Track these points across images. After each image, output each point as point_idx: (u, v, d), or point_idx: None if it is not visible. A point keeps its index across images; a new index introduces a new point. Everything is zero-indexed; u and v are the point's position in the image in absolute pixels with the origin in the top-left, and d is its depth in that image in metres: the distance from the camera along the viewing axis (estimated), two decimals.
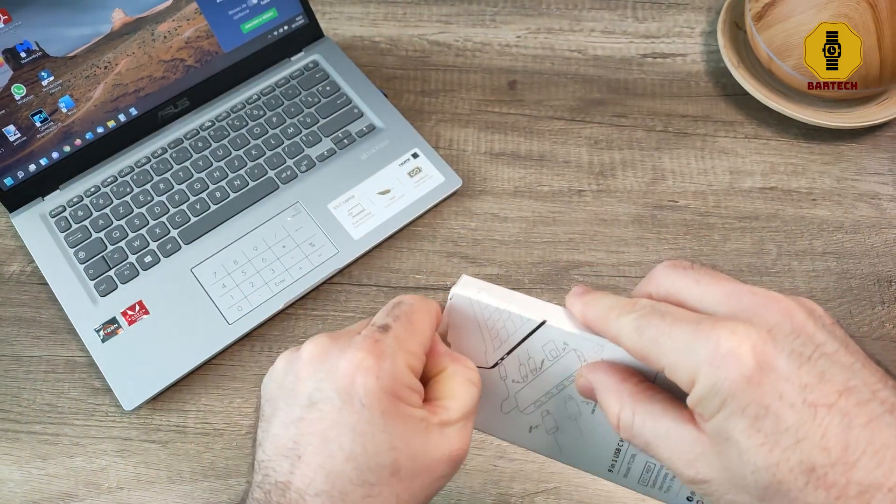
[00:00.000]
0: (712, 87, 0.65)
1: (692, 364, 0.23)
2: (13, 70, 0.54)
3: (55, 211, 0.57)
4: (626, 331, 0.25)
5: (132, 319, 0.53)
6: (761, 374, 0.22)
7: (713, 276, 0.25)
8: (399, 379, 0.26)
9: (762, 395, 0.21)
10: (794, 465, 0.21)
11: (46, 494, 0.49)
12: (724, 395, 0.22)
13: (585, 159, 0.61)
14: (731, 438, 0.22)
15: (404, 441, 0.25)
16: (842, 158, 0.61)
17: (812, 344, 0.22)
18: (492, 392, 0.32)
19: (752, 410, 0.22)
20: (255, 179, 0.59)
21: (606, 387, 0.27)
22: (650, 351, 0.24)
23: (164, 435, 0.51)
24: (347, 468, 0.25)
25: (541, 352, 0.30)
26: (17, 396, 0.52)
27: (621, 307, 0.26)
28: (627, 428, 0.26)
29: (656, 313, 0.25)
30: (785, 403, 0.21)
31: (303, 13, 0.63)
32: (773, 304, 0.23)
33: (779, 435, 0.21)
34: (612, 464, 0.31)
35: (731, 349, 0.22)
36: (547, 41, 0.68)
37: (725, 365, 0.22)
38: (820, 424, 0.21)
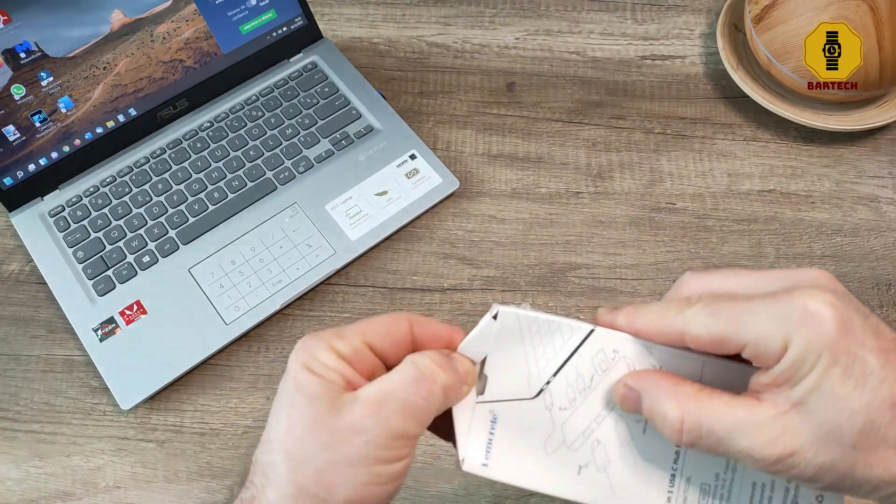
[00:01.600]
0: (711, 89, 0.65)
1: (783, 329, 0.24)
2: (13, 70, 0.54)
3: (54, 211, 0.58)
4: (697, 319, 0.26)
5: (130, 319, 0.53)
6: (846, 327, 0.24)
7: (742, 269, 0.27)
8: (313, 353, 0.27)
9: (850, 344, 0.24)
10: (881, 402, 0.23)
11: (44, 493, 0.49)
12: (820, 350, 0.23)
13: (583, 161, 0.61)
14: (826, 390, 0.24)
15: (303, 400, 0.26)
16: (841, 161, 0.61)
17: (858, 311, 0.25)
18: (535, 430, 0.29)
19: (844, 359, 0.23)
20: (253, 180, 0.59)
21: (660, 391, 0.26)
22: (730, 330, 0.25)
23: (161, 434, 0.51)
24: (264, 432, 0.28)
25: (590, 365, 0.28)
26: (14, 395, 0.52)
27: (678, 305, 0.27)
28: (695, 430, 0.25)
29: (723, 297, 0.26)
30: (867, 350, 0.24)
31: (302, 14, 0.64)
32: (818, 274, 0.26)
33: (867, 377, 0.23)
34: (668, 495, 0.29)
35: (818, 309, 0.24)
36: (545, 43, 0.68)
37: (817, 323, 0.24)
38: (894, 366, 0.24)
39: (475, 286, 0.56)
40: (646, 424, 0.29)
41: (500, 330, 0.29)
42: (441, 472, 0.49)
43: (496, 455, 0.29)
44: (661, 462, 0.29)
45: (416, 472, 0.49)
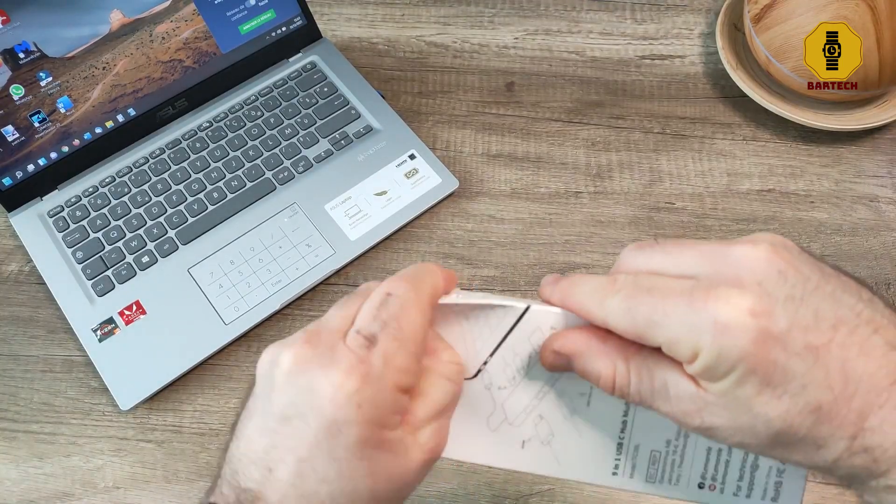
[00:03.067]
0: (710, 88, 0.65)
1: (693, 338, 0.23)
2: (11, 70, 0.54)
3: (53, 211, 0.58)
4: (616, 314, 0.24)
5: (129, 319, 0.53)
6: (765, 334, 0.22)
7: (680, 243, 0.25)
8: (384, 407, 0.25)
9: (768, 353, 0.22)
10: (802, 409, 0.22)
11: (43, 493, 0.49)
12: (732, 362, 0.22)
13: (582, 161, 0.61)
14: (742, 396, 0.23)
15: (382, 466, 0.25)
16: (840, 161, 0.61)
17: (801, 282, 0.23)
18: (476, 408, 0.30)
19: (762, 370, 0.22)
20: (252, 180, 0.59)
21: (591, 350, 0.26)
22: (645, 331, 0.24)
23: (160, 435, 0.51)
24: (322, 491, 0.24)
25: (527, 344, 0.29)
26: (14, 395, 0.52)
27: (603, 289, 0.25)
28: (624, 386, 0.25)
29: (642, 290, 0.24)
30: (790, 354, 0.22)
31: (301, 14, 0.64)
32: (752, 255, 0.23)
33: (787, 384, 0.22)
34: (615, 464, 0.29)
35: (731, 317, 0.22)
36: (545, 42, 0.68)
37: (729, 334, 0.22)
38: (822, 365, 0.22)
39: (475, 286, 0.56)
40: (590, 398, 0.29)
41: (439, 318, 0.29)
42: (440, 472, 0.49)
43: None
44: (607, 432, 0.29)
45: None
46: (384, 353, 0.25)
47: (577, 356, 0.26)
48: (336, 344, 0.25)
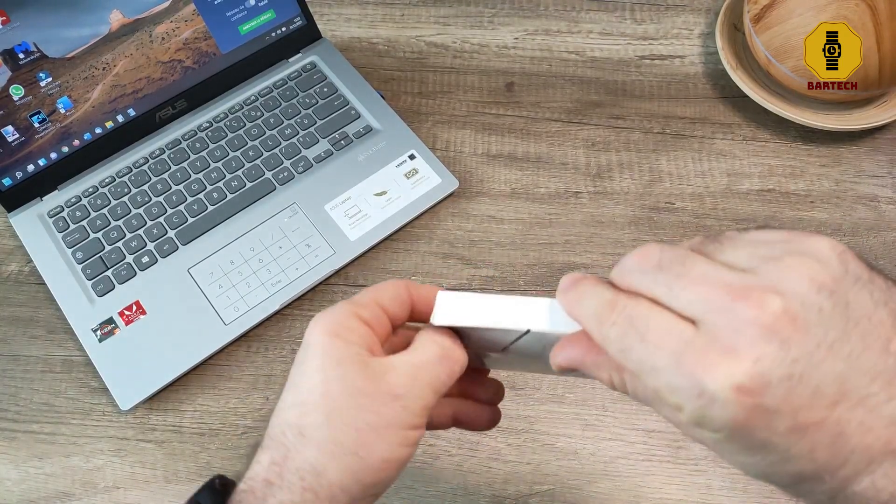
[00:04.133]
0: (710, 88, 0.65)
1: (677, 398, 0.22)
2: (11, 71, 0.54)
3: (53, 211, 0.58)
4: (612, 348, 0.25)
5: (129, 319, 0.53)
6: (748, 414, 0.21)
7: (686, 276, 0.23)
8: (338, 321, 0.29)
9: (750, 430, 0.21)
10: (783, 474, 0.22)
11: (43, 493, 0.49)
12: (713, 429, 0.22)
13: (582, 161, 0.61)
14: (723, 450, 0.23)
15: (334, 365, 0.28)
16: (840, 161, 0.61)
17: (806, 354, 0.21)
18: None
19: (742, 442, 0.22)
20: (252, 180, 0.59)
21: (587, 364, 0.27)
22: (636, 372, 0.24)
23: (160, 435, 0.51)
24: (287, 396, 0.29)
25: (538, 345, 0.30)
26: (14, 396, 0.52)
27: (602, 315, 0.25)
28: (623, 389, 0.26)
29: (637, 333, 0.23)
30: (773, 433, 0.21)
31: (300, 14, 0.64)
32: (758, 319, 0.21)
33: (767, 456, 0.22)
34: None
35: (717, 391, 0.21)
36: (544, 43, 0.68)
37: (712, 407, 0.21)
38: (808, 442, 0.21)
39: (474, 286, 0.56)
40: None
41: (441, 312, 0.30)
42: (440, 472, 0.49)
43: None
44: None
45: (415, 472, 0.49)
46: (352, 298, 0.31)
47: (578, 367, 0.28)
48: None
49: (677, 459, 0.49)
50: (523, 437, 0.50)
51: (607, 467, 0.49)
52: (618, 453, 0.49)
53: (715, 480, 0.48)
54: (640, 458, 0.49)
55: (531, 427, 0.50)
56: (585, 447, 0.49)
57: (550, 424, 0.50)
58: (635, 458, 0.49)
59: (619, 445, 0.49)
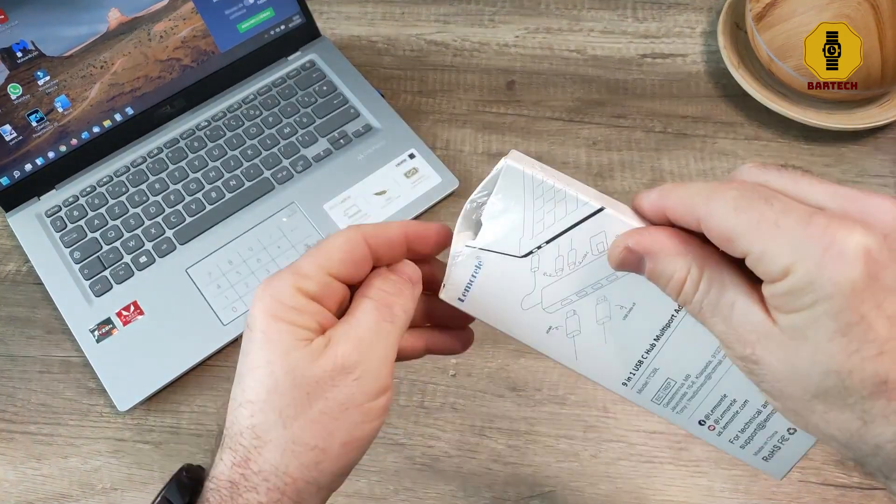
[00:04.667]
0: (712, 87, 0.65)
1: (792, 256, 0.21)
2: (9, 70, 0.54)
3: (51, 211, 0.57)
4: (721, 209, 0.23)
5: (127, 320, 0.53)
6: (868, 281, 0.21)
7: (811, 177, 0.24)
8: (280, 300, 0.26)
9: (862, 302, 0.21)
10: (867, 376, 0.21)
11: (41, 495, 0.49)
12: (821, 295, 0.21)
13: (584, 160, 0.61)
14: (811, 337, 0.22)
15: (279, 354, 0.26)
16: (842, 160, 0.61)
17: None
18: (515, 285, 0.29)
19: (845, 316, 0.21)
20: (250, 180, 0.58)
21: (668, 249, 0.25)
22: (743, 232, 0.22)
23: (158, 436, 0.50)
24: (237, 391, 0.27)
25: (587, 244, 0.28)
26: (11, 396, 0.52)
27: (714, 188, 0.24)
28: (690, 293, 0.24)
29: (761, 197, 0.22)
30: (881, 314, 0.21)
31: (300, 12, 0.63)
32: (885, 207, 0.22)
33: (864, 343, 0.21)
34: (629, 377, 0.29)
35: (845, 251, 0.21)
36: (546, 41, 0.67)
37: (834, 265, 0.21)
38: None
39: None
40: (629, 312, 0.28)
41: (503, 184, 0.28)
42: (440, 472, 0.49)
43: (473, 296, 0.30)
44: (632, 348, 0.29)
45: (415, 474, 0.49)
46: (292, 264, 0.28)
47: (654, 255, 0.25)
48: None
49: (679, 461, 0.48)
50: (524, 439, 0.49)
51: (609, 469, 0.48)
52: (619, 455, 0.49)
53: (717, 482, 0.48)
54: (641, 459, 0.49)
55: (532, 429, 0.50)
56: (587, 449, 0.49)
57: (551, 426, 0.50)
58: (637, 460, 0.48)
59: (620, 447, 0.49)
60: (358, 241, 0.28)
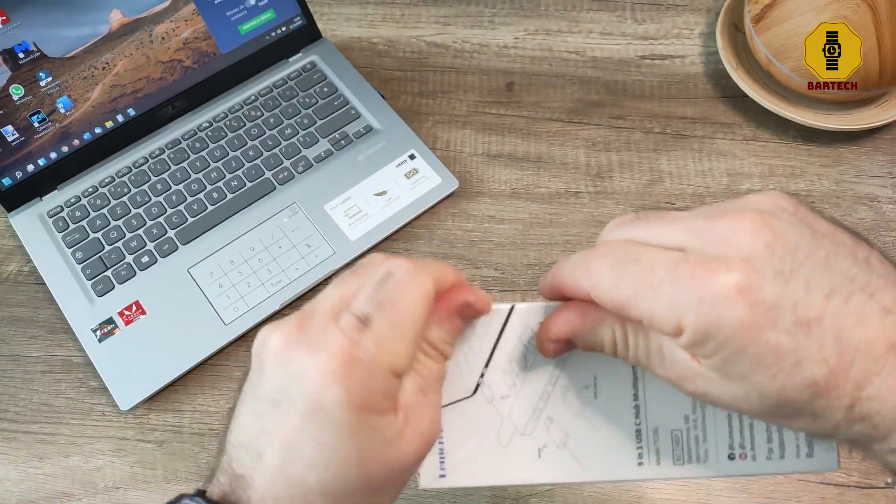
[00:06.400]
0: (711, 88, 0.65)
1: (676, 314, 0.22)
2: (11, 71, 0.54)
3: (53, 211, 0.58)
4: (602, 283, 0.24)
5: (129, 320, 0.53)
6: (752, 312, 0.21)
7: (662, 216, 0.25)
8: (374, 391, 0.23)
9: (758, 331, 0.21)
10: (797, 384, 0.22)
11: (43, 494, 0.49)
12: (721, 340, 0.22)
13: (583, 161, 0.61)
14: (733, 374, 0.22)
15: (374, 453, 0.23)
16: (840, 161, 0.61)
17: (790, 254, 0.22)
18: (483, 427, 0.28)
19: (751, 349, 0.22)
20: (252, 180, 0.59)
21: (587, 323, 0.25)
22: (628, 302, 0.23)
23: (160, 435, 0.51)
24: (310, 478, 0.23)
25: (520, 346, 0.28)
26: (14, 396, 0.52)
27: (588, 257, 0.25)
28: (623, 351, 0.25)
29: (629, 258, 0.24)
30: (780, 331, 0.21)
31: (301, 14, 0.64)
32: (739, 226, 0.22)
33: (780, 362, 0.22)
34: (639, 453, 0.28)
35: (717, 293, 0.21)
36: (545, 42, 0.68)
37: (715, 311, 0.22)
38: (815, 339, 0.22)
39: (474, 286, 0.56)
40: (595, 388, 0.28)
41: None
42: None
43: (451, 464, 0.28)
44: (621, 421, 0.28)
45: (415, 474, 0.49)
46: (377, 337, 0.24)
47: (577, 335, 0.26)
48: (327, 325, 0.24)
49: None
50: None
51: None
52: None
53: (715, 481, 0.48)
54: None
55: None
56: None
57: None
58: None
59: None
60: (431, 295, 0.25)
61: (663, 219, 0.25)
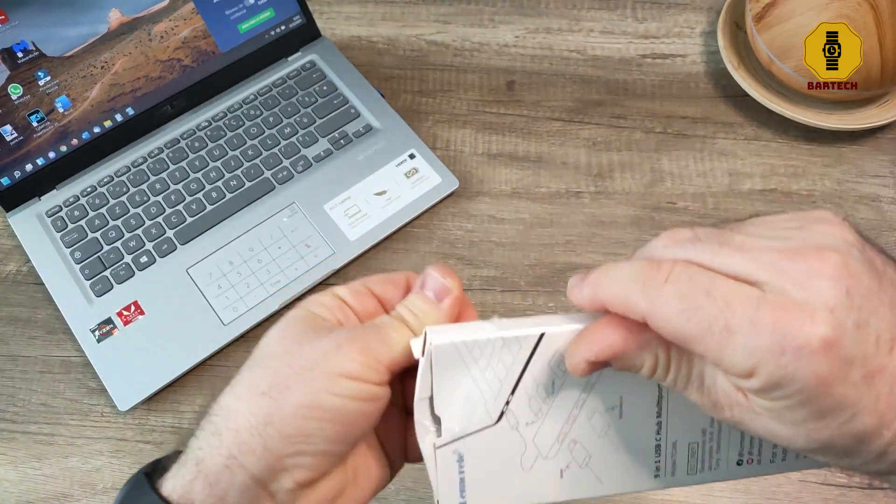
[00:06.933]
0: (712, 88, 0.65)
1: (751, 359, 0.21)
2: (10, 70, 0.54)
3: (51, 211, 0.57)
4: (667, 312, 0.22)
5: (127, 320, 0.53)
6: (832, 368, 0.21)
7: (725, 239, 0.23)
8: (315, 297, 0.29)
9: (830, 386, 0.21)
10: (846, 433, 0.22)
11: (41, 495, 0.49)
12: (791, 391, 0.21)
13: (583, 161, 0.61)
14: (787, 418, 0.22)
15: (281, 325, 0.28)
16: (842, 160, 0.61)
17: (866, 302, 0.21)
18: (507, 454, 0.27)
19: (818, 402, 0.21)
20: (251, 180, 0.58)
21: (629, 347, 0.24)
22: (697, 338, 0.22)
23: (159, 436, 0.51)
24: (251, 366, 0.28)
25: (549, 372, 0.27)
26: (12, 396, 0.52)
27: (647, 276, 0.23)
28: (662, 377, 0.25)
29: (700, 289, 0.22)
30: (848, 385, 0.21)
31: (300, 13, 0.63)
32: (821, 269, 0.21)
33: (838, 413, 0.21)
34: (656, 467, 0.28)
35: (801, 346, 0.20)
36: (545, 41, 0.68)
37: (795, 364, 0.21)
38: (875, 392, 0.21)
39: (475, 286, 0.55)
40: (621, 409, 0.28)
41: (437, 364, 0.26)
42: None
43: (472, 490, 0.28)
44: (643, 439, 0.28)
45: (415, 472, 0.49)
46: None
47: (616, 358, 0.25)
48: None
49: None
50: None
51: None
52: None
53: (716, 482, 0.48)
54: None
55: None
56: None
57: None
58: None
59: None
60: (401, 274, 0.30)
61: (729, 244, 0.23)
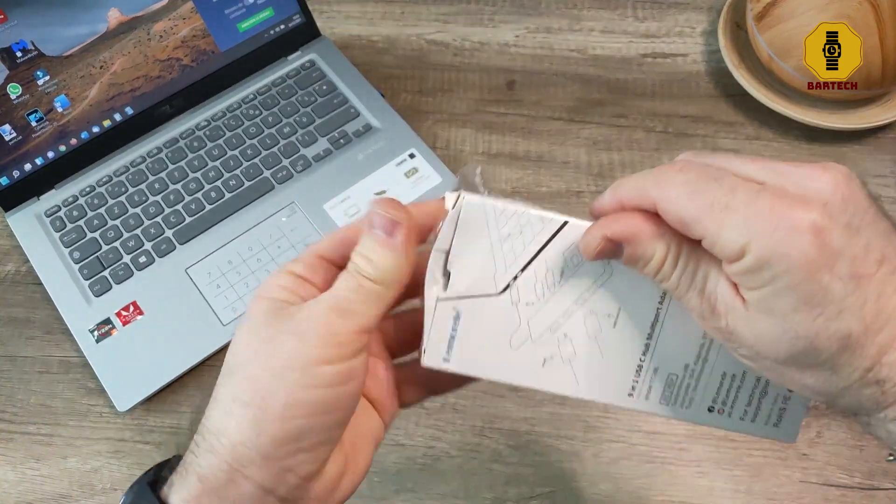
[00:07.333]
0: (713, 87, 0.64)
1: (745, 236, 0.23)
2: (9, 69, 0.54)
3: (50, 210, 0.57)
4: (676, 194, 0.24)
5: (126, 320, 0.53)
6: (819, 252, 0.22)
7: (743, 156, 0.25)
8: (269, 281, 0.27)
9: (816, 271, 0.22)
10: (831, 334, 0.23)
11: (40, 495, 0.49)
12: (779, 271, 0.22)
13: (584, 160, 0.61)
14: (776, 309, 0.23)
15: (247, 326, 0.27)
16: (843, 160, 0.60)
17: (860, 213, 0.23)
18: (500, 326, 0.28)
19: (805, 287, 0.22)
20: (250, 179, 0.58)
21: (645, 232, 0.25)
22: (698, 217, 0.23)
23: (158, 436, 0.50)
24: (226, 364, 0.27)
25: (560, 261, 0.27)
26: (10, 397, 0.52)
27: (662, 172, 0.25)
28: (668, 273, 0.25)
29: (709, 176, 0.24)
30: (835, 277, 0.22)
31: (299, 12, 0.63)
32: (822, 176, 0.23)
33: (825, 306, 0.22)
34: (633, 385, 0.29)
35: (795, 227, 0.22)
36: (546, 41, 0.67)
37: (786, 241, 0.22)
38: (861, 295, 0.23)
39: None
40: (617, 319, 0.28)
41: (463, 221, 0.27)
42: (441, 473, 0.48)
43: (458, 351, 0.28)
44: (629, 354, 0.29)
45: (416, 474, 0.48)
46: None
47: (632, 240, 0.26)
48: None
49: (679, 461, 0.48)
50: (525, 439, 0.49)
51: (609, 469, 0.48)
52: (620, 455, 0.49)
53: (717, 482, 0.48)
54: (642, 459, 0.48)
55: (533, 429, 0.50)
56: (587, 449, 0.49)
57: (552, 426, 0.50)
58: (637, 460, 0.48)
59: (621, 447, 0.49)
60: (353, 227, 0.28)
61: (742, 157, 0.25)
